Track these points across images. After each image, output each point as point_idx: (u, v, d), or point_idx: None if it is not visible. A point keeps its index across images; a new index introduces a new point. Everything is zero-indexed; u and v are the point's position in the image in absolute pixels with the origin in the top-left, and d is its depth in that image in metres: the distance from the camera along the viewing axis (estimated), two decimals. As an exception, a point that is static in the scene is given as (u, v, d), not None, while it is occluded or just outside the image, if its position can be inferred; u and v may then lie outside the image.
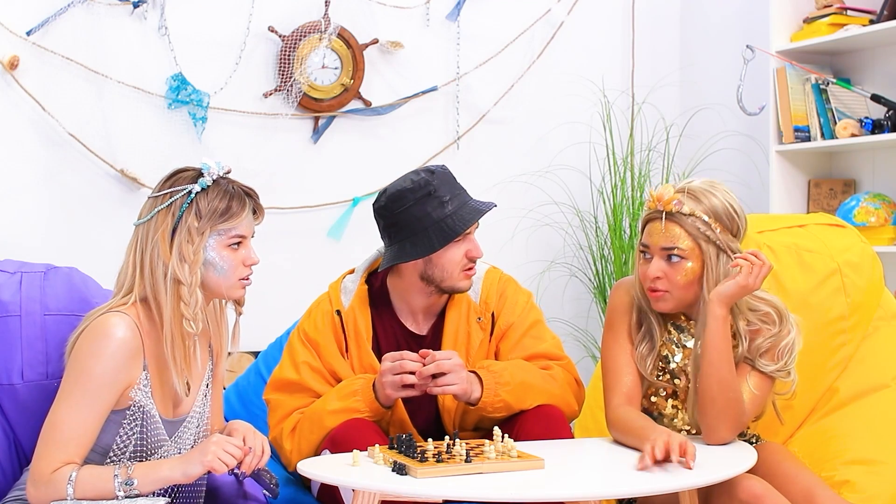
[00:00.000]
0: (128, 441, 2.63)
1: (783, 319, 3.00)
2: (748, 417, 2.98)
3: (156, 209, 2.64)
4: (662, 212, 2.96)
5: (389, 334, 3.21)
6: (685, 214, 2.93)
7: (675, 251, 2.94)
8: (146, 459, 2.66)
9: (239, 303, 2.78)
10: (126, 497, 2.51)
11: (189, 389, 2.71)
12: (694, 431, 3.06)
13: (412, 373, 3.00)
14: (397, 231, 3.12)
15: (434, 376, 3.01)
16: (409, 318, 3.25)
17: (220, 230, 2.63)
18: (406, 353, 3.01)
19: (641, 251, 3.02)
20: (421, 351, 3.03)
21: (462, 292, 3.19)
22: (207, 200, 2.62)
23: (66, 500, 2.49)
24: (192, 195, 2.62)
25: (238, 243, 2.66)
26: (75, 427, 2.53)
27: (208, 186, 2.64)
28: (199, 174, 2.66)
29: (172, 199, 2.63)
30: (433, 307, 3.25)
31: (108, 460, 2.63)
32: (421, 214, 3.08)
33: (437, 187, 3.09)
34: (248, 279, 2.71)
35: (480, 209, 3.11)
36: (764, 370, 2.97)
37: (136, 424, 2.62)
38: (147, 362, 2.62)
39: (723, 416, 2.90)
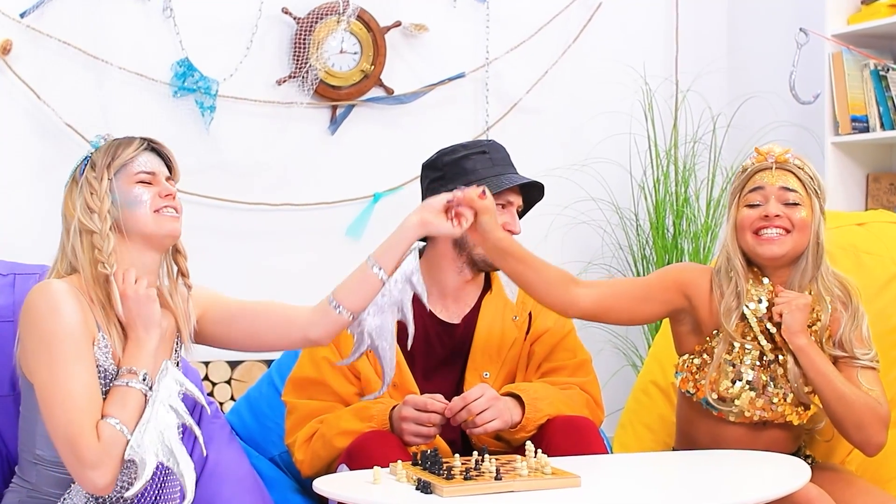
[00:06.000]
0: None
1: (852, 298, 3.10)
2: (885, 407, 3.04)
3: (65, 187, 2.74)
4: (773, 164, 3.10)
5: (417, 325, 3.14)
6: (798, 166, 3.09)
7: (794, 194, 3.05)
8: None
9: (183, 273, 2.81)
10: (151, 391, 2.58)
11: (124, 341, 2.68)
12: (767, 417, 3.09)
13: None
14: (444, 183, 3.19)
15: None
16: (438, 304, 3.27)
17: (119, 167, 2.71)
18: (431, 403, 3.04)
19: (749, 205, 3.09)
20: (447, 402, 3.08)
21: (492, 270, 3.26)
22: (99, 153, 2.72)
23: (130, 446, 2.50)
24: (87, 156, 2.73)
25: (148, 181, 2.73)
26: (80, 389, 2.51)
27: (101, 145, 2.76)
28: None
29: (75, 170, 2.74)
30: (465, 293, 3.30)
31: None
32: (471, 168, 3.23)
33: (490, 151, 3.26)
34: (170, 209, 2.74)
35: (526, 179, 3.23)
36: (865, 360, 3.06)
37: (102, 386, 2.61)
38: (98, 323, 2.64)
39: (863, 424, 3.00)
